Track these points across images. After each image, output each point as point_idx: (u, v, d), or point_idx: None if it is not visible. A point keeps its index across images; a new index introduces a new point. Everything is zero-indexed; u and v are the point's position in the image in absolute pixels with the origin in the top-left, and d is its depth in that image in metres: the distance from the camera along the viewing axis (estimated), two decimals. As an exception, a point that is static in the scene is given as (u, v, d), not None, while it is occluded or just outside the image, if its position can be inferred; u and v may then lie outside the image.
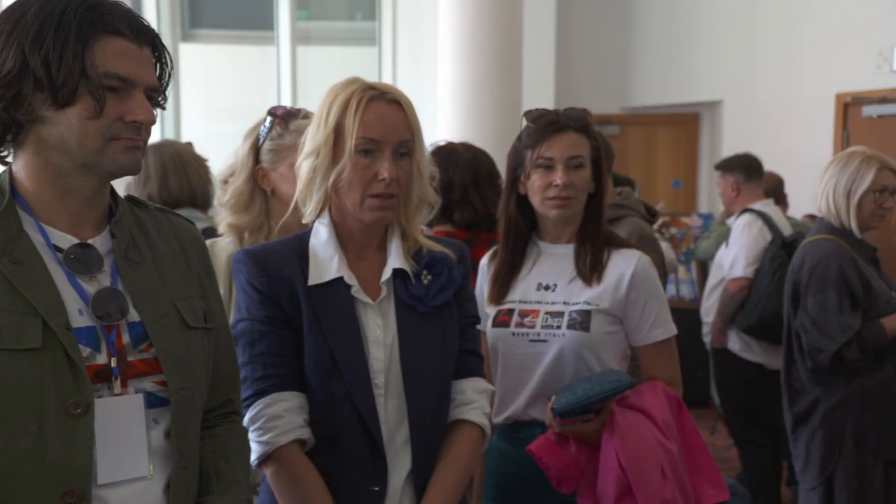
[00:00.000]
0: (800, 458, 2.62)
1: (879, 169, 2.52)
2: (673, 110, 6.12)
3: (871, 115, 4.85)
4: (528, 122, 1.77)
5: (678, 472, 1.55)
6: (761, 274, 3.41)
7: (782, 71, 5.31)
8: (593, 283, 1.72)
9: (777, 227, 3.53)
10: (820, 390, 2.53)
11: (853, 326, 2.42)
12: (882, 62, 4.80)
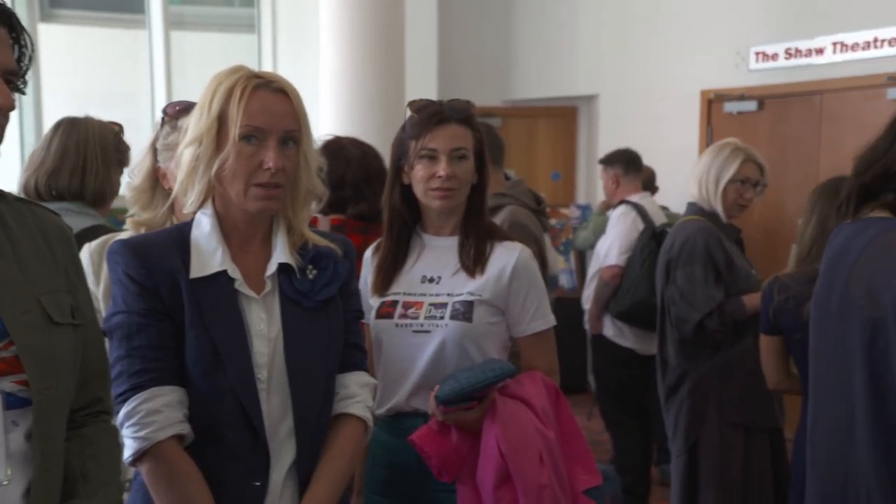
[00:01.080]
0: (670, 427, 2.79)
1: (744, 161, 2.69)
2: (552, 103, 6.29)
3: (732, 111, 5.15)
4: (412, 112, 1.78)
5: (555, 459, 1.60)
6: (633, 262, 3.58)
7: (652, 68, 5.55)
8: (476, 274, 1.74)
9: (650, 217, 3.70)
10: (687, 363, 2.71)
11: (716, 298, 2.60)
12: (740, 62, 5.11)
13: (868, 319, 1.42)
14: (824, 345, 1.55)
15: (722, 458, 2.64)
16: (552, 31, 6.02)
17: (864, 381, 1.42)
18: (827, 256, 1.57)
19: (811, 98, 4.83)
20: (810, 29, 4.76)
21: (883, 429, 1.39)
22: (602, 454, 4.39)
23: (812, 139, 4.82)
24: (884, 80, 4.34)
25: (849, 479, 1.45)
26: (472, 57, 6.16)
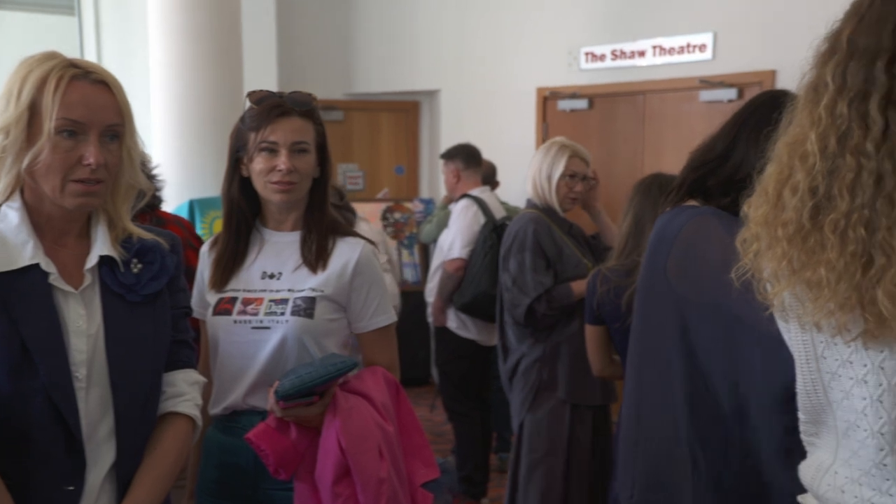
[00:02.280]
0: (513, 406, 2.96)
1: (571, 157, 2.89)
2: (395, 97, 6.32)
3: (565, 108, 5.40)
4: (252, 103, 1.74)
5: (394, 453, 1.62)
6: (475, 255, 3.68)
7: (491, 65, 5.70)
8: (318, 270, 1.73)
9: (491, 211, 3.81)
10: (524, 347, 2.89)
11: (544, 284, 2.78)
12: (572, 61, 5.36)
13: (678, 300, 1.53)
14: (646, 327, 1.65)
15: (549, 433, 2.83)
16: (393, 25, 6.05)
17: (681, 362, 1.53)
18: (649, 243, 1.68)
19: (635, 98, 5.15)
20: (633, 32, 5.06)
21: (702, 405, 1.50)
22: (444, 444, 4.49)
23: (637, 136, 5.14)
24: (696, 83, 4.69)
25: (675, 451, 1.56)
26: (314, 49, 6.08)
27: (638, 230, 2.38)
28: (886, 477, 1.07)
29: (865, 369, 1.09)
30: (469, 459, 3.80)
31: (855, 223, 1.03)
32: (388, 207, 5.88)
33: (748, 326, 1.41)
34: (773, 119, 1.21)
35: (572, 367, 2.81)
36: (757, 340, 1.41)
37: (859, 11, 1.08)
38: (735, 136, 1.57)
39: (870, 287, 1.02)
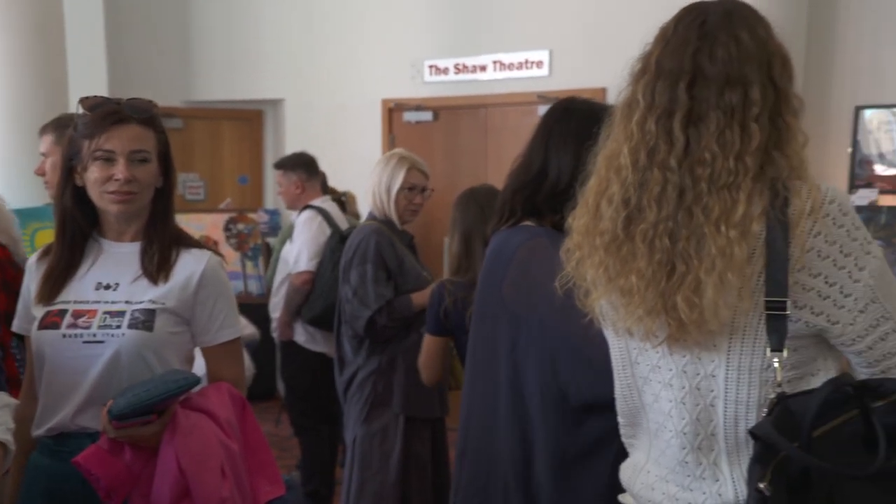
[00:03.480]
0: (348, 419, 2.95)
1: (409, 169, 2.91)
2: (237, 106, 6.15)
3: (411, 120, 5.46)
4: (85, 110, 1.65)
5: (238, 471, 1.57)
6: (323, 267, 3.62)
7: (336, 74, 5.67)
8: (160, 281, 1.66)
9: (335, 221, 3.78)
10: (360, 359, 2.88)
11: (385, 296, 2.79)
12: (416, 74, 5.44)
13: (514, 318, 1.58)
14: (481, 342, 1.70)
15: (382, 447, 2.84)
16: (235, 31, 5.89)
17: (507, 377, 1.59)
18: (485, 262, 1.73)
19: (478, 111, 5.29)
20: (475, 47, 5.21)
21: (517, 423, 1.56)
22: (290, 459, 4.40)
23: (480, 149, 5.28)
24: (535, 97, 4.89)
25: (494, 462, 1.62)
26: (147, 54, 5.80)
27: (468, 247, 2.44)
28: (688, 473, 1.16)
29: (671, 373, 1.17)
30: (316, 474, 3.74)
31: (661, 233, 1.11)
32: (232, 218, 5.70)
33: (569, 341, 1.48)
34: (591, 131, 1.28)
35: (408, 380, 2.82)
36: (574, 354, 1.48)
37: (666, 36, 1.16)
38: (545, 151, 1.63)
39: (672, 293, 1.10)
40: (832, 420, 1.00)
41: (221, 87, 5.99)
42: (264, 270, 5.69)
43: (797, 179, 1.09)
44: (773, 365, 1.06)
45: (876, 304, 1.06)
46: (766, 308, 1.06)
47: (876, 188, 4.47)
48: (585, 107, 1.66)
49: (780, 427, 0.97)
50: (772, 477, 0.95)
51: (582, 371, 1.49)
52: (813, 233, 1.06)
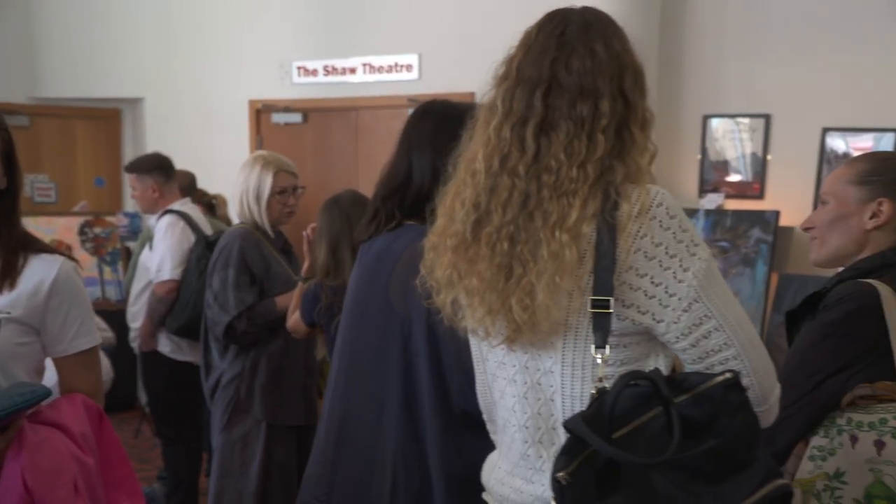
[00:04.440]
0: (214, 425, 2.87)
1: (277, 173, 2.83)
2: (92, 104, 5.83)
3: (280, 122, 5.36)
4: None
5: (93, 486, 1.49)
6: (189, 275, 3.44)
7: (200, 74, 5.49)
8: (5, 289, 1.55)
9: (199, 226, 3.63)
10: (225, 363, 2.81)
11: (246, 301, 2.73)
12: (284, 75, 5.35)
13: (403, 321, 1.58)
14: (362, 346, 1.68)
15: (243, 454, 2.77)
16: (87, 24, 5.57)
17: (398, 381, 1.59)
18: (364, 262, 1.72)
19: (348, 113, 5.26)
20: (344, 49, 5.17)
21: (410, 420, 1.57)
22: (151, 471, 4.23)
23: (351, 151, 5.26)
24: (405, 101, 4.92)
25: (377, 463, 1.61)
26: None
27: (335, 255, 2.42)
28: (530, 466, 1.20)
29: (514, 369, 1.21)
30: (181, 485, 3.59)
31: (503, 237, 1.15)
32: (87, 221, 5.40)
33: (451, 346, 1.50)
34: (448, 133, 1.31)
35: (271, 385, 2.78)
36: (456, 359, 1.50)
37: (527, 42, 1.20)
38: (408, 156, 1.65)
39: (508, 296, 1.14)
40: (643, 414, 1.05)
41: (73, 84, 5.65)
42: (124, 275, 5.43)
43: (630, 184, 1.13)
44: (597, 361, 1.11)
45: (699, 304, 1.11)
46: (592, 307, 1.10)
47: (722, 193, 4.79)
48: (442, 109, 1.68)
49: (592, 421, 1.01)
50: (577, 468, 0.99)
51: (461, 377, 1.51)
52: (640, 235, 1.11)
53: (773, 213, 4.43)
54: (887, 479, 1.35)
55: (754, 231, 4.46)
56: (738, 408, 1.06)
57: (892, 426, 1.36)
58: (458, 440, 1.53)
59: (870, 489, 1.36)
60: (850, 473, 1.38)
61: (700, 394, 1.07)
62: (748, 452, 1.05)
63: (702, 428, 1.05)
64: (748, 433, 1.06)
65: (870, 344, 1.45)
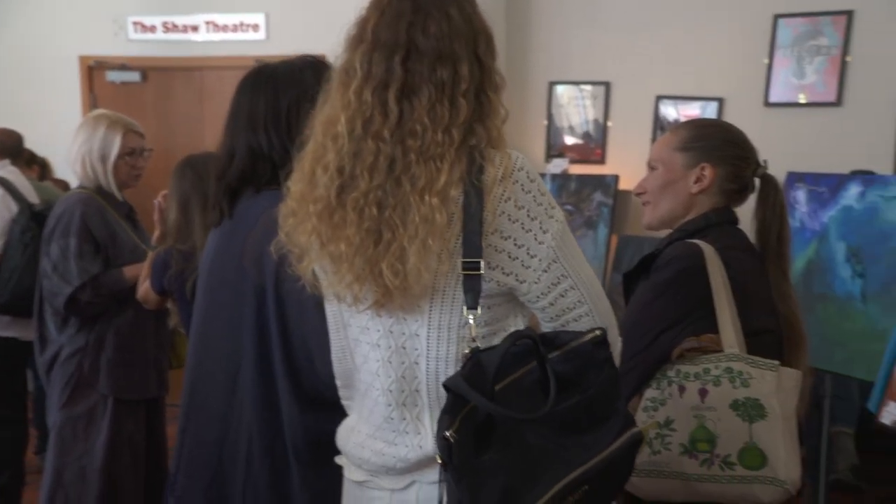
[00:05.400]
0: (50, 403, 2.70)
1: (125, 133, 2.67)
2: None
3: (115, 80, 5.03)
4: None
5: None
6: (11, 249, 3.11)
7: (25, 27, 5.05)
8: None
9: (22, 194, 3.33)
10: (64, 337, 2.65)
11: (90, 271, 2.57)
12: (118, 30, 5.01)
13: (256, 287, 1.55)
14: (216, 313, 1.64)
15: (87, 432, 2.64)
16: None
17: (253, 345, 1.56)
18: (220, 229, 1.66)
19: (192, 74, 5.01)
20: (185, 5, 4.91)
21: (265, 385, 1.55)
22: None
23: (196, 113, 5.02)
24: (252, 62, 4.73)
25: (231, 428, 1.59)
26: None
27: (186, 215, 2.33)
28: (393, 429, 1.23)
29: (379, 334, 1.23)
30: (7, 466, 3.36)
31: (371, 202, 1.15)
32: None
33: (306, 315, 1.49)
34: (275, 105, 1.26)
35: (118, 358, 2.65)
36: (312, 331, 1.49)
37: (380, 5, 1.19)
38: (231, 131, 1.62)
39: (378, 261, 1.15)
40: (517, 370, 1.10)
41: None
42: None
43: (493, 149, 1.16)
44: (469, 322, 1.14)
45: (557, 264, 1.17)
46: (463, 269, 1.13)
47: (567, 158, 4.99)
48: (268, 78, 1.63)
49: (471, 379, 1.04)
50: (459, 426, 1.02)
51: (305, 346, 1.50)
52: (504, 198, 1.14)
53: (612, 178, 4.66)
54: (709, 424, 1.47)
55: (596, 195, 4.69)
56: (604, 363, 1.13)
57: (714, 375, 1.49)
58: (310, 407, 1.53)
59: (694, 433, 1.48)
60: (677, 421, 1.50)
61: (570, 350, 1.12)
62: (611, 404, 1.12)
63: (570, 382, 1.10)
64: (611, 387, 1.13)
65: (697, 301, 1.55)
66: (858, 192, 2.90)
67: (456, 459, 1.01)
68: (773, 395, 1.46)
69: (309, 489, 1.52)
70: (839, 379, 2.90)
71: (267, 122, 1.58)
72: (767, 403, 1.45)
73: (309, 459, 1.52)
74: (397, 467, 1.21)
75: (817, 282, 2.92)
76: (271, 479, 1.54)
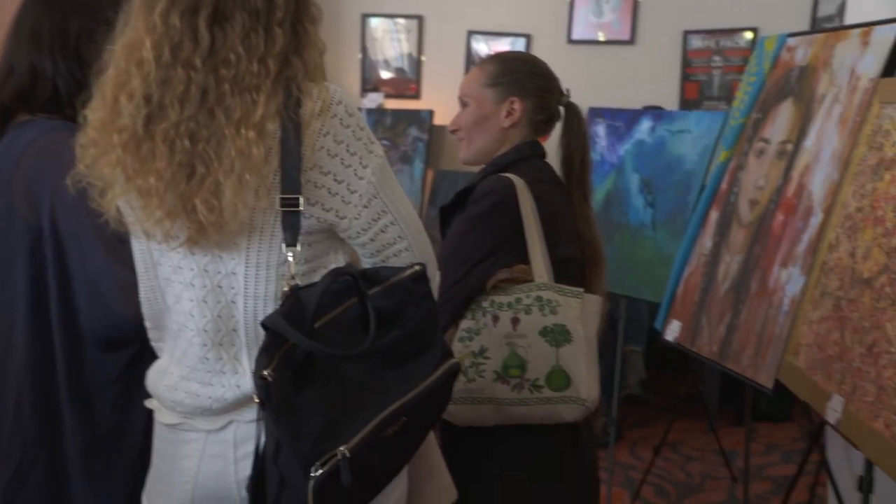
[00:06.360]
0: None
1: None
2: None
3: None
4: None
5: None
6: None
7: None
8: None
9: None
10: None
11: None
12: None
13: (29, 227, 1.43)
14: None
15: None
16: None
17: (27, 289, 1.45)
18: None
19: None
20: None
21: (40, 334, 1.45)
22: None
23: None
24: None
25: (4, 377, 1.48)
26: None
27: None
28: (209, 370, 1.20)
29: (192, 273, 1.19)
30: None
31: (182, 134, 1.09)
32: None
33: (76, 245, 1.39)
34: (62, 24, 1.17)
35: None
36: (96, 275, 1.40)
37: None
38: (12, 46, 1.50)
39: (191, 196, 1.10)
40: (337, 307, 1.10)
41: None
42: None
43: (310, 82, 1.13)
44: (288, 259, 1.12)
45: (377, 200, 1.17)
46: (281, 205, 1.11)
47: (382, 92, 4.97)
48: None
49: (290, 317, 1.03)
50: (277, 364, 1.01)
51: (88, 291, 1.41)
52: (323, 132, 1.12)
53: (427, 113, 4.71)
54: (520, 350, 1.56)
55: (412, 130, 4.72)
56: (423, 297, 1.15)
57: (526, 304, 1.57)
58: (88, 356, 1.46)
59: (506, 360, 1.56)
60: (491, 349, 1.57)
61: (390, 285, 1.13)
62: (429, 337, 1.15)
63: (390, 317, 1.12)
64: (430, 320, 1.16)
65: (509, 232, 1.62)
66: (649, 127, 3.12)
67: (274, 398, 1.01)
68: (578, 320, 1.56)
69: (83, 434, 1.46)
70: (631, 302, 3.16)
71: (53, 45, 1.46)
72: (573, 328, 1.55)
73: (82, 410, 1.45)
74: (213, 408, 1.18)
75: (615, 211, 3.14)
76: (41, 435, 1.46)
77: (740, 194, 2.38)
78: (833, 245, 1.87)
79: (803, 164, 2.14)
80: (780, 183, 2.21)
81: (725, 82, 4.51)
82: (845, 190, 1.88)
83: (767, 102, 2.39)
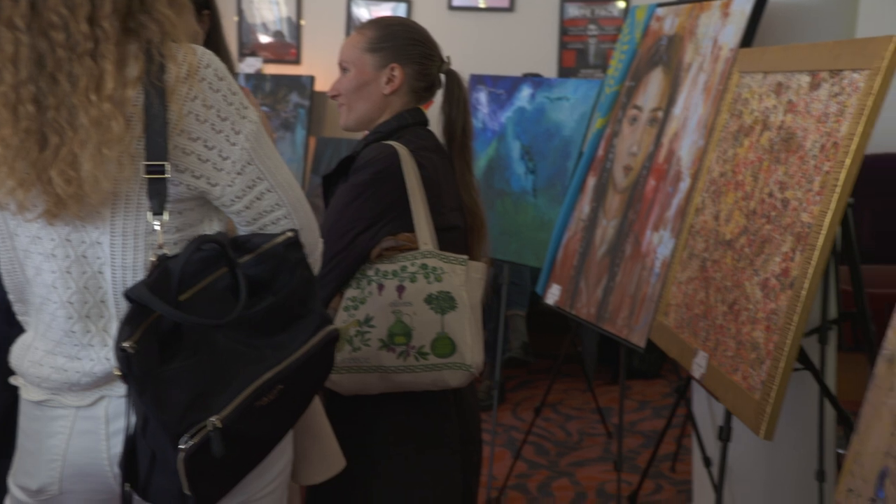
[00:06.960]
0: None
1: None
2: None
3: None
4: None
5: None
6: None
7: None
8: None
9: None
10: None
11: None
12: None
13: None
14: None
15: None
16: None
17: None
18: None
19: None
20: None
21: None
22: None
23: None
24: None
25: None
26: None
27: None
28: (76, 343, 1.15)
29: (53, 243, 1.13)
30: None
31: (25, 99, 1.03)
32: None
33: None
34: None
35: None
36: None
37: None
38: None
39: (46, 167, 1.04)
40: (207, 276, 1.07)
41: None
42: None
43: (172, 42, 1.08)
44: (156, 228, 1.08)
45: (252, 167, 1.13)
46: (147, 172, 1.07)
47: (261, 57, 4.81)
48: None
49: (156, 287, 1.00)
50: (141, 335, 0.98)
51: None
52: (190, 97, 1.08)
53: (308, 78, 4.60)
54: (405, 318, 1.57)
55: (293, 96, 4.60)
56: (297, 264, 1.13)
57: (411, 272, 1.58)
58: None
59: (392, 328, 1.57)
60: (377, 318, 1.57)
61: (263, 253, 1.11)
62: (304, 305, 1.13)
63: (263, 285, 1.09)
64: (304, 287, 1.13)
65: (393, 201, 1.62)
66: (529, 94, 3.17)
67: (136, 370, 0.97)
68: (463, 287, 1.58)
69: None
70: (514, 267, 3.23)
71: None
72: (457, 295, 1.57)
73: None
74: (82, 382, 1.13)
75: (497, 178, 3.19)
76: None
77: (615, 160, 2.47)
78: (699, 209, 1.96)
79: (672, 131, 2.23)
80: (652, 149, 2.30)
81: (601, 50, 4.63)
82: (710, 156, 1.98)
83: (639, 70, 2.48)
